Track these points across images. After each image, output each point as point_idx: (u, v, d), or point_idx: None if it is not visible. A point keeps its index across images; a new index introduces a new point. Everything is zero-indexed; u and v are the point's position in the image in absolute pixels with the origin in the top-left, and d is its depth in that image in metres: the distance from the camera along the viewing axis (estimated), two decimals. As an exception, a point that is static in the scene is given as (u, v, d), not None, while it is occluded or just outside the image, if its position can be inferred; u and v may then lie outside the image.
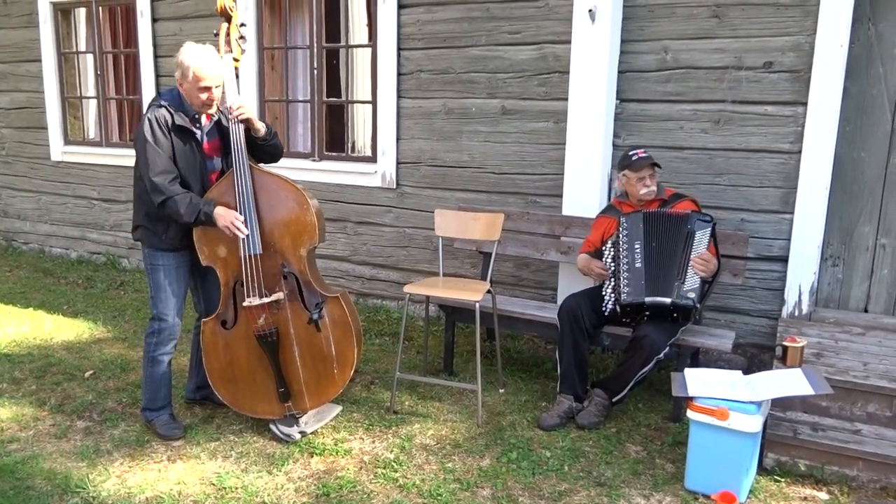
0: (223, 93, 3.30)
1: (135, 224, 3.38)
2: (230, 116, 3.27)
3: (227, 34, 3.46)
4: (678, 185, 4.10)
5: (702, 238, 3.47)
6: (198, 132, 3.26)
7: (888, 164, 3.90)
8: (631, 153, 3.69)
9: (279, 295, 3.33)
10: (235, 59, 3.46)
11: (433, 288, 3.80)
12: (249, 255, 3.27)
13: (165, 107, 3.17)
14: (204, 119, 3.30)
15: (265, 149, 3.43)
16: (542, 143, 4.56)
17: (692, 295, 3.42)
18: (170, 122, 3.16)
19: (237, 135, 3.26)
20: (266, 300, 3.30)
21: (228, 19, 3.46)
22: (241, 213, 3.23)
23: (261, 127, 3.36)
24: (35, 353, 4.51)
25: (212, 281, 3.47)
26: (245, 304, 3.30)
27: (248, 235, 3.24)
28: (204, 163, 3.31)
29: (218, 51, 3.35)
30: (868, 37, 3.82)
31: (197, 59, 3.12)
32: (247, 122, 3.30)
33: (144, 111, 3.24)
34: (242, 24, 3.54)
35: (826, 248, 4.06)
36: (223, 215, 3.18)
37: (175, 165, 3.18)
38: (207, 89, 3.15)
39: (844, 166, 3.96)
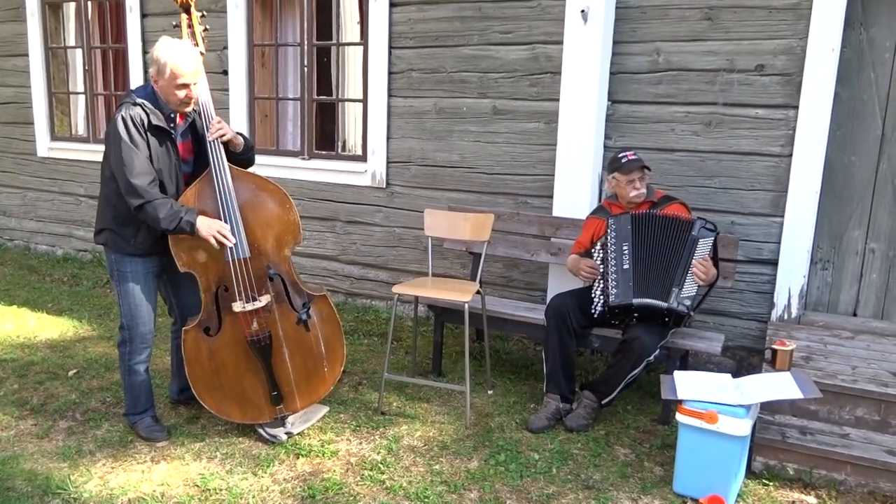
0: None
1: (99, 227, 3.21)
2: (209, 137, 3.14)
3: (190, 26, 3.33)
4: (669, 187, 4.09)
5: (704, 246, 3.45)
6: (173, 132, 3.14)
7: (878, 168, 3.90)
8: (620, 155, 3.67)
9: (268, 298, 3.28)
10: (202, 53, 3.29)
11: (422, 288, 3.78)
12: (237, 260, 3.18)
13: (141, 105, 3.03)
14: (177, 119, 3.16)
15: (238, 160, 3.30)
16: (533, 143, 4.55)
17: (688, 302, 3.42)
18: (146, 121, 3.02)
19: (217, 153, 3.13)
20: (258, 305, 3.23)
21: (188, 10, 3.33)
22: (224, 217, 3.13)
23: (240, 142, 3.27)
24: (18, 351, 4.45)
25: (185, 285, 3.37)
26: (238, 310, 3.20)
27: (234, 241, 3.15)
28: (179, 165, 3.18)
29: None
30: (860, 41, 3.83)
31: (174, 54, 2.97)
32: (227, 143, 3.19)
33: (117, 108, 3.08)
34: (203, 15, 3.41)
35: (816, 252, 4.06)
36: (207, 225, 3.06)
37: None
38: (185, 86, 3.01)
39: (835, 170, 3.96)
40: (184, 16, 3.35)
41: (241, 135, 3.31)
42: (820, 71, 3.75)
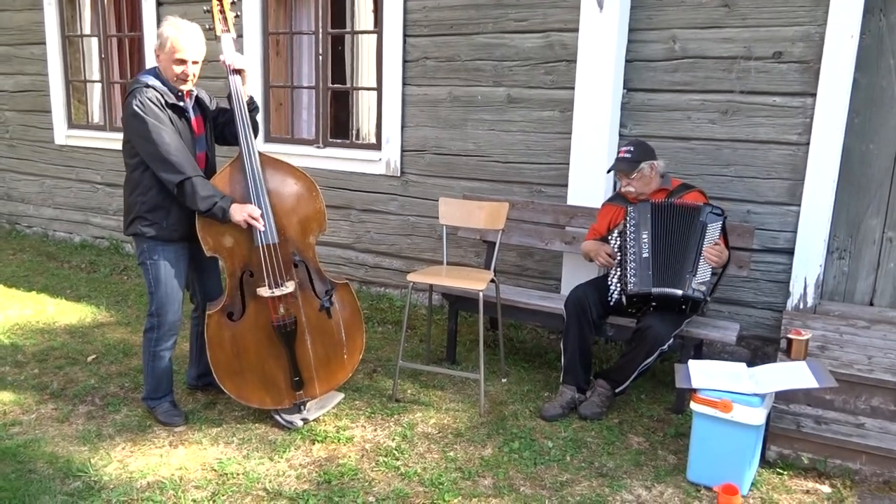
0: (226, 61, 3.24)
1: (129, 218, 3.23)
2: (227, 66, 3.21)
3: (222, 11, 3.35)
4: (684, 175, 4.06)
5: (713, 231, 3.44)
6: (186, 110, 3.19)
7: (897, 156, 3.87)
8: (619, 150, 3.66)
9: (293, 284, 3.30)
10: (233, 38, 3.34)
11: (437, 276, 3.79)
12: (266, 245, 3.21)
13: (153, 87, 3.08)
14: (184, 96, 3.20)
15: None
16: (547, 132, 4.54)
17: (703, 288, 3.41)
18: (162, 100, 3.07)
19: (236, 86, 3.21)
20: (287, 290, 3.25)
21: None
22: (254, 202, 3.17)
23: (247, 91, 3.31)
24: (38, 336, 4.52)
25: (209, 270, 3.42)
26: (266, 295, 3.22)
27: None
28: (194, 142, 3.23)
29: (215, 30, 3.29)
30: (879, 28, 3.78)
31: (176, 30, 3.05)
32: (241, 74, 3.24)
33: (129, 94, 3.10)
34: (233, 2, 3.43)
35: (832, 241, 4.04)
36: (239, 209, 3.11)
37: None
38: (183, 62, 3.07)
39: (852, 159, 3.93)
40: (215, 1, 3.37)
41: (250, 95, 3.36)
42: (838, 58, 3.71)
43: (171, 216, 3.19)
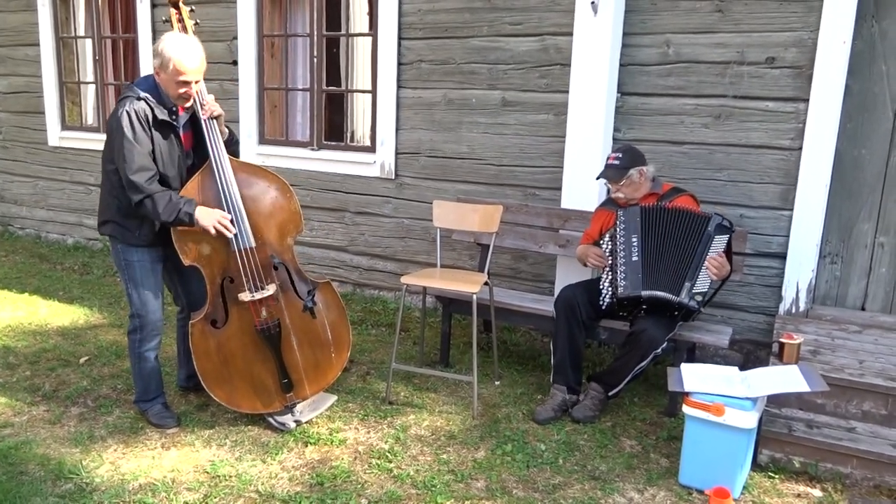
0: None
1: (103, 218, 3.23)
2: (202, 114, 3.15)
3: (181, 20, 3.32)
4: (678, 179, 4.08)
5: (719, 243, 3.44)
6: (176, 125, 3.15)
7: (889, 162, 3.89)
8: (607, 157, 3.67)
9: (274, 286, 3.30)
10: None
11: (430, 279, 3.79)
12: (242, 249, 3.21)
13: (145, 100, 3.03)
14: (178, 110, 3.17)
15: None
16: (542, 135, 4.55)
17: (699, 298, 3.42)
18: (150, 116, 3.02)
19: (213, 130, 3.16)
20: (267, 293, 3.25)
21: (176, 4, 3.32)
22: (226, 207, 3.15)
23: (225, 130, 3.28)
24: (30, 338, 4.50)
25: (191, 274, 3.40)
26: (246, 299, 3.22)
27: (237, 231, 3.16)
28: (184, 157, 3.21)
29: None
30: (871, 34, 3.81)
31: (179, 50, 2.98)
32: (217, 120, 3.20)
33: (119, 101, 3.06)
34: (191, 10, 3.39)
35: (825, 246, 4.05)
36: (206, 215, 3.07)
37: (154, 162, 3.06)
38: (186, 84, 3.01)
39: (845, 164, 3.95)
40: (173, 10, 3.34)
41: (228, 129, 3.34)
42: (831, 63, 3.73)
43: (145, 226, 3.16)
